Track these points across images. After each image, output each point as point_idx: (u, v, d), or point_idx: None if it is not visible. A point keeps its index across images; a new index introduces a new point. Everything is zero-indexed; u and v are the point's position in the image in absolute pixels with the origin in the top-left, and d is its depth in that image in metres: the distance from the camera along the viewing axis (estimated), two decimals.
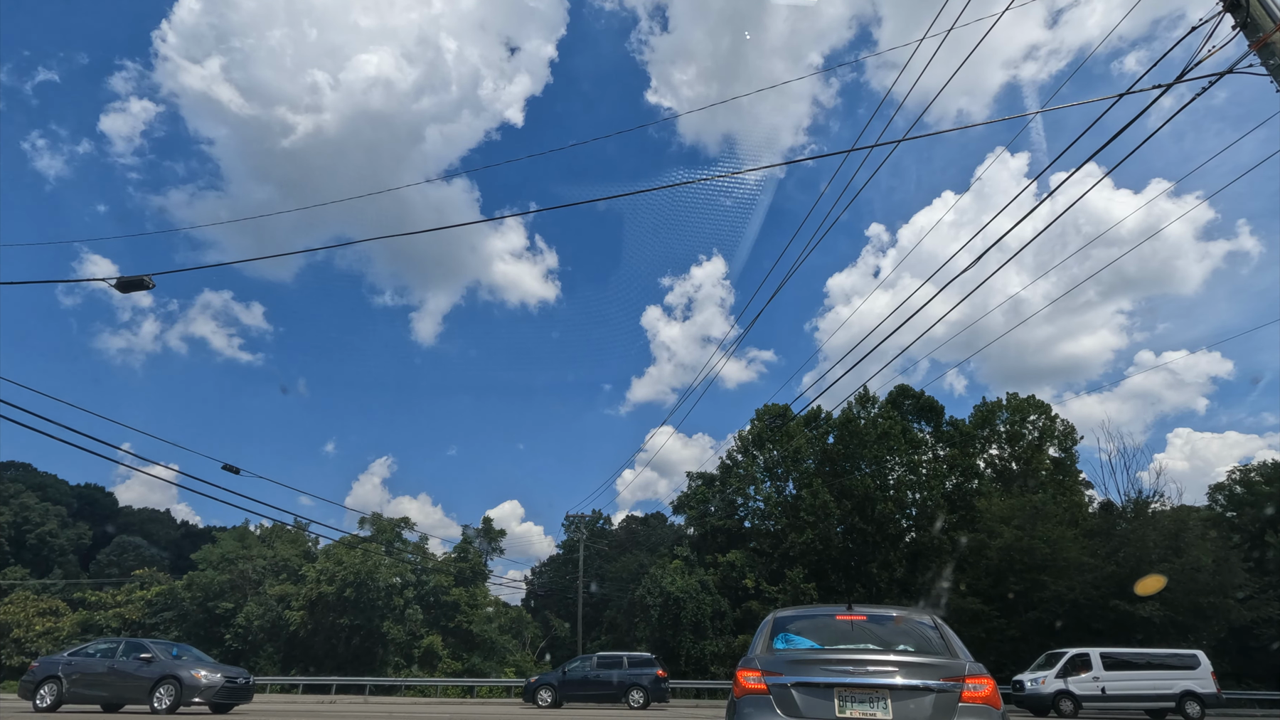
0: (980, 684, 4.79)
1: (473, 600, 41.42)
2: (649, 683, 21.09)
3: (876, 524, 38.98)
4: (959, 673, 4.83)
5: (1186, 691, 20.74)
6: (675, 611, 37.11)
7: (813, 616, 5.97)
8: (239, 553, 42.91)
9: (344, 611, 38.65)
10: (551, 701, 21.20)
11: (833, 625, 5.74)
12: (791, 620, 5.89)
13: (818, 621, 5.87)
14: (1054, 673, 21.44)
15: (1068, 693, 20.75)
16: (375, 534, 43.31)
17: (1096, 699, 20.71)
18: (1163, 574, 31.73)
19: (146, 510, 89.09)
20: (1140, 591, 29.88)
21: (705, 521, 44.57)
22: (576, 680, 21.44)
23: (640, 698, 20.85)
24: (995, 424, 46.52)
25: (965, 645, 5.46)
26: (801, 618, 5.94)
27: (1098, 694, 20.71)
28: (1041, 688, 21.12)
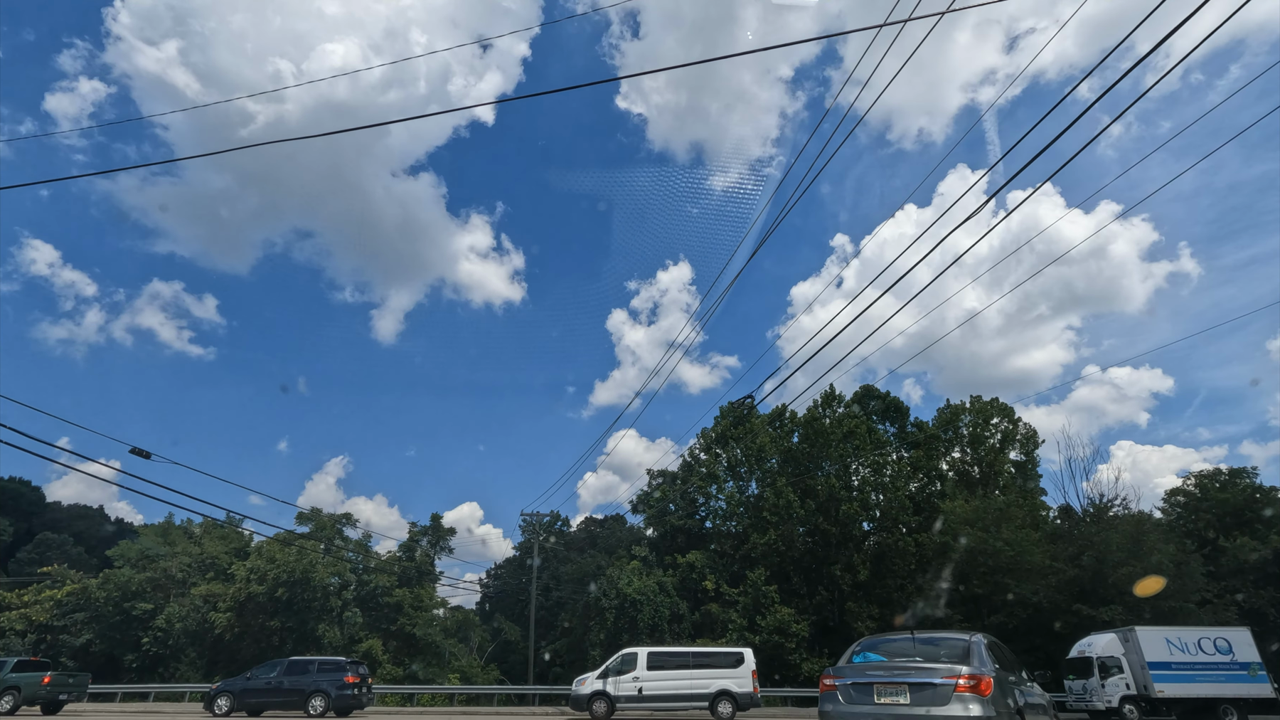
0: (971, 680, 7.24)
1: (418, 602, 38.98)
2: (334, 689, 19.54)
3: (840, 525, 37.96)
4: (958, 673, 7.34)
5: (722, 691, 20.34)
6: (632, 614, 35.40)
7: (883, 641, 8.86)
8: (161, 549, 39.65)
9: (275, 613, 35.89)
10: (228, 709, 19.38)
11: (895, 645, 8.46)
12: (869, 643, 8.99)
13: (885, 643, 8.73)
14: (596, 673, 20.80)
15: (604, 694, 20.09)
16: (314, 531, 40.53)
17: (632, 700, 20.12)
18: (1127, 576, 31.44)
19: (77, 507, 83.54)
20: (1140, 593, 29.44)
21: (665, 521, 42.99)
22: (259, 688, 19.72)
23: (320, 705, 19.32)
24: (959, 426, 46.21)
25: None
26: (876, 641, 8.98)
27: (634, 695, 20.11)
28: (581, 689, 20.41)
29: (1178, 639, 23.93)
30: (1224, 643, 23.96)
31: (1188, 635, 24.18)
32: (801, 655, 34.02)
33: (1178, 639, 23.93)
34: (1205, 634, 24.31)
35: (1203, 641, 23.95)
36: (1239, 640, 24.12)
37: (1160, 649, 23.63)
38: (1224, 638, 24.13)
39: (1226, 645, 23.92)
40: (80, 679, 22.09)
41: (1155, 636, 23.96)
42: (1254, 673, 23.45)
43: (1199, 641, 23.96)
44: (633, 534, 56.44)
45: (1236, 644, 23.97)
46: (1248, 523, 38.54)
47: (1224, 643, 23.96)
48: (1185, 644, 23.84)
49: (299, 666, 20.27)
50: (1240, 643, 24.08)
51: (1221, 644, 23.93)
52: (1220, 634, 24.36)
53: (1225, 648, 23.86)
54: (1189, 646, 23.81)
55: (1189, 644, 23.86)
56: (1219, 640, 24.02)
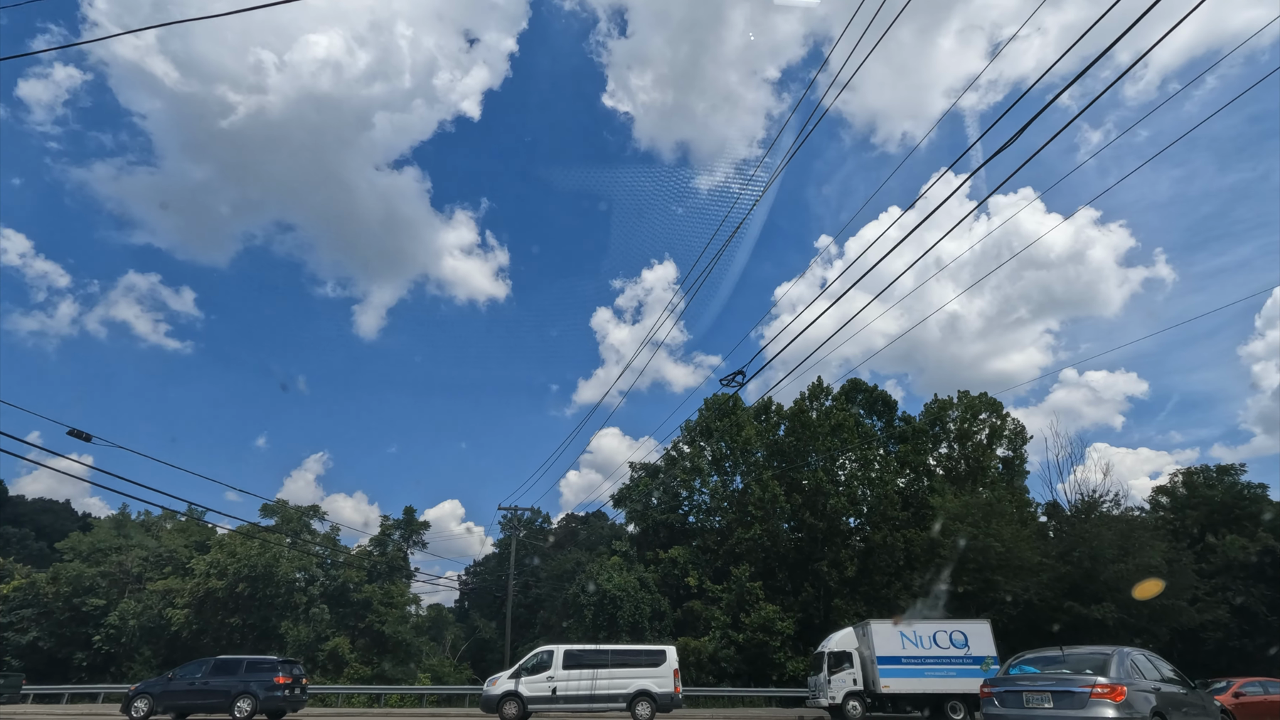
0: (1106, 688, 8.94)
1: (388, 598, 37.31)
2: (262, 690, 18.20)
3: (827, 520, 36.94)
4: (1095, 682, 9.11)
5: (641, 691, 19.41)
6: (611, 611, 34.10)
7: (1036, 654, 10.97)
8: (114, 542, 37.57)
9: (236, 610, 34.09)
10: (147, 712, 17.98)
11: (1046, 658, 10.58)
12: (1024, 656, 11.12)
13: (1038, 657, 10.79)
14: (509, 673, 19.76)
15: (515, 694, 19.03)
16: (280, 524, 38.67)
17: (545, 700, 19.16)
18: (1118, 574, 30.77)
19: (41, 501, 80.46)
20: (1139, 595, 28.74)
21: (647, 516, 41.70)
22: (181, 689, 18.33)
23: (247, 707, 17.98)
24: (946, 422, 45.43)
25: None
26: (1031, 655, 11.12)
27: (547, 695, 19.14)
28: (492, 689, 19.36)
29: (913, 632, 23.15)
30: (960, 636, 23.21)
31: (924, 629, 23.41)
32: (786, 654, 32.94)
33: (913, 632, 23.15)
34: (942, 627, 23.57)
35: (938, 635, 23.16)
36: (976, 633, 23.38)
37: (893, 643, 22.86)
38: (961, 631, 23.40)
39: (963, 639, 23.16)
40: (12, 680, 20.41)
41: (889, 630, 23.22)
42: (986, 666, 22.62)
43: (934, 635, 23.15)
44: (614, 531, 55.09)
45: (973, 637, 23.23)
46: (1236, 520, 38.12)
47: (960, 636, 23.21)
48: (920, 638, 23.03)
49: (226, 666, 18.74)
50: (977, 635, 23.32)
51: (958, 637, 23.18)
52: (958, 627, 23.64)
53: (961, 641, 23.11)
54: (923, 640, 23.01)
55: (924, 638, 23.05)
56: (955, 634, 23.28)
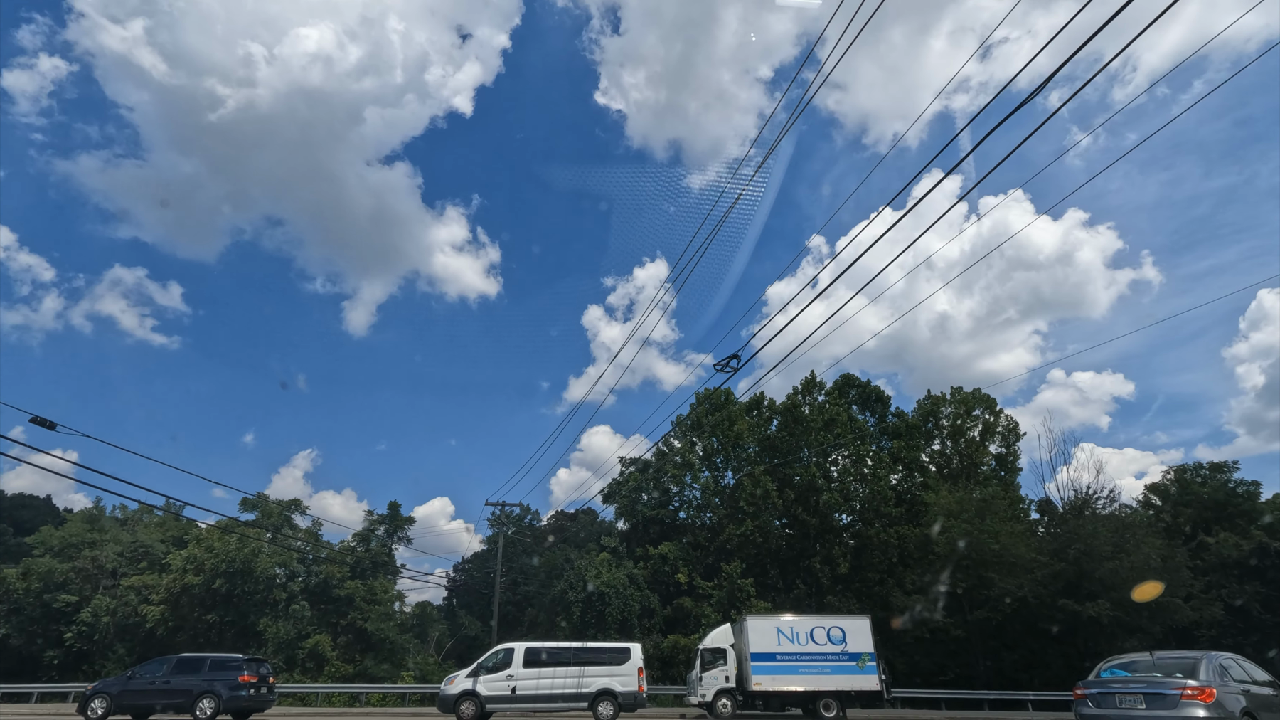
0: (1195, 690, 9.56)
1: (371, 595, 36.43)
2: (226, 690, 17.50)
3: (820, 516, 36.41)
4: (1185, 685, 9.77)
5: (604, 690, 18.82)
6: (600, 608, 33.42)
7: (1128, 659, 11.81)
8: (88, 537, 36.46)
9: (213, 606, 33.12)
10: (104, 712, 17.22)
11: (1138, 662, 11.42)
12: (1116, 661, 11.92)
13: (1130, 661, 11.64)
14: (467, 671, 19.13)
15: (473, 694, 18.34)
16: (260, 519, 37.70)
17: (504, 700, 18.51)
18: (1113, 571, 30.42)
19: (21, 496, 78.77)
20: (1139, 598, 28.33)
21: (637, 512, 41.03)
22: (141, 688, 17.54)
23: (210, 707, 17.23)
24: (939, 418, 45.03)
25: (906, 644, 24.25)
26: (1121, 660, 11.92)
27: (506, 695, 18.48)
28: (449, 688, 18.67)
29: (790, 628, 22.76)
30: (839, 632, 22.80)
31: (802, 624, 23.04)
32: None
33: (790, 628, 22.76)
34: (821, 623, 23.20)
35: (816, 631, 22.79)
36: (855, 629, 22.94)
37: (768, 639, 22.42)
38: (839, 626, 22.99)
39: (841, 635, 22.75)
40: None
41: (766, 625, 22.82)
42: (863, 664, 22.33)
43: (812, 631, 22.79)
44: (605, 528, 54.46)
45: (851, 633, 22.80)
46: (1228, 518, 37.91)
47: (839, 632, 22.80)
48: (797, 633, 22.65)
49: (188, 664, 17.91)
50: (855, 632, 22.87)
51: (836, 634, 22.77)
52: (837, 623, 23.24)
53: (840, 637, 22.70)
54: (800, 636, 22.63)
55: (801, 633, 22.68)
56: (834, 630, 22.87)
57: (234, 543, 33.32)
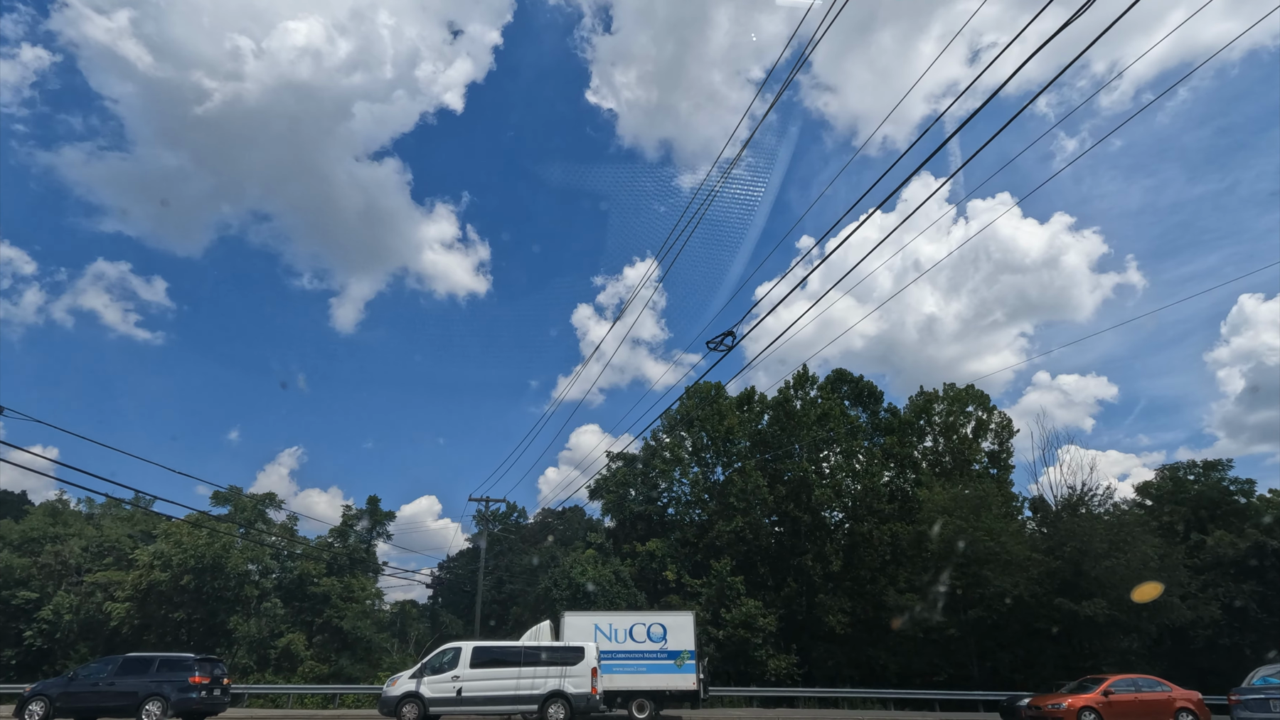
0: None
1: (348, 592, 35.16)
2: (175, 692, 16.43)
3: (811, 512, 35.56)
4: None
5: (555, 692, 18.01)
6: (585, 606, 32.31)
7: None
8: (50, 531, 34.92)
9: (181, 603, 31.74)
10: (43, 715, 16.09)
11: None
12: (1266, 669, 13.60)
13: None
14: (410, 671, 18.33)
15: (416, 695, 17.49)
16: (233, 513, 36.31)
17: (449, 702, 17.69)
18: (1109, 570, 29.79)
19: None
20: (1138, 599, 27.72)
21: (624, 507, 39.99)
22: (83, 690, 16.45)
23: (157, 710, 16.17)
24: (932, 415, 44.34)
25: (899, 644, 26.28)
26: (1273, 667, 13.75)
27: (451, 697, 17.66)
28: (391, 690, 17.83)
29: (609, 625, 22.06)
30: (660, 629, 22.13)
31: (622, 621, 22.37)
32: (768, 651, 31.47)
33: (609, 625, 22.06)
34: (642, 620, 22.56)
35: (636, 629, 22.10)
36: (677, 626, 22.25)
37: (585, 636, 21.55)
38: (661, 624, 22.31)
39: (662, 632, 22.09)
40: None
41: (584, 623, 22.06)
42: (681, 662, 21.72)
43: (632, 629, 22.10)
44: (591, 526, 53.49)
45: (673, 630, 22.11)
46: (1223, 516, 37.47)
47: (660, 629, 22.13)
48: (616, 631, 21.96)
49: (134, 665, 16.79)
50: (677, 629, 22.19)
51: (657, 631, 22.09)
52: (658, 620, 22.57)
53: (660, 635, 22.04)
54: (619, 634, 21.94)
55: (620, 631, 22.00)
56: (654, 627, 22.20)
57: (204, 538, 31.95)
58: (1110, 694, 18.84)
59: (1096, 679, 20.05)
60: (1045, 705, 19.45)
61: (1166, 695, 19.21)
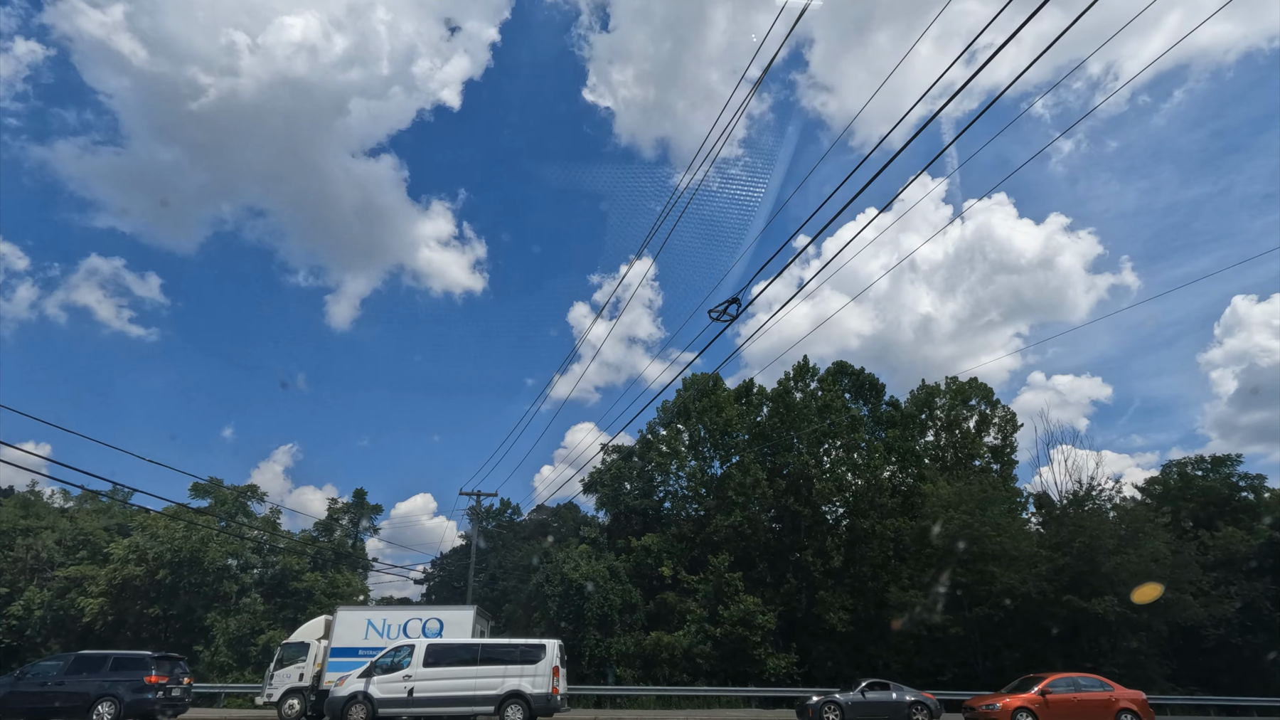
0: None
1: (333, 588, 33.93)
2: (129, 692, 15.34)
3: (812, 507, 34.49)
4: None
5: (513, 693, 17.05)
6: (578, 602, 31.23)
7: None
8: (22, 524, 33.58)
9: (156, 599, 30.49)
10: None
11: None
12: None
13: None
14: (360, 670, 17.33)
15: (364, 696, 16.54)
16: (213, 506, 35.02)
17: (400, 703, 16.73)
18: (1120, 566, 28.84)
19: None
20: (1138, 599, 26.83)
21: (619, 501, 38.87)
22: (30, 690, 15.32)
23: (109, 712, 15.09)
24: (934, 409, 43.34)
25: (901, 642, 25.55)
26: None
27: (403, 697, 16.71)
28: (339, 690, 16.85)
29: (382, 621, 21.24)
30: (436, 624, 21.25)
31: (396, 617, 21.55)
32: (767, 650, 30.38)
33: (382, 621, 21.24)
34: (418, 615, 21.75)
35: (410, 624, 21.20)
36: (455, 621, 21.37)
37: (356, 632, 20.76)
38: (438, 618, 21.45)
39: (438, 627, 21.18)
40: None
41: (356, 618, 21.22)
42: None
43: (406, 624, 21.20)
44: (586, 522, 52.39)
45: (450, 625, 21.21)
46: (1232, 512, 36.57)
47: (436, 624, 21.25)
48: (389, 626, 21.10)
49: (87, 663, 15.70)
50: (455, 624, 21.27)
51: (433, 625, 21.21)
52: (436, 614, 21.74)
53: (436, 630, 21.16)
54: (391, 629, 21.05)
55: (393, 626, 21.11)
56: (430, 621, 21.28)
57: (180, 530, 30.68)
58: (1048, 694, 18.17)
59: (1037, 678, 19.29)
60: (979, 706, 18.79)
61: (1108, 695, 18.53)
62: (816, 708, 20.57)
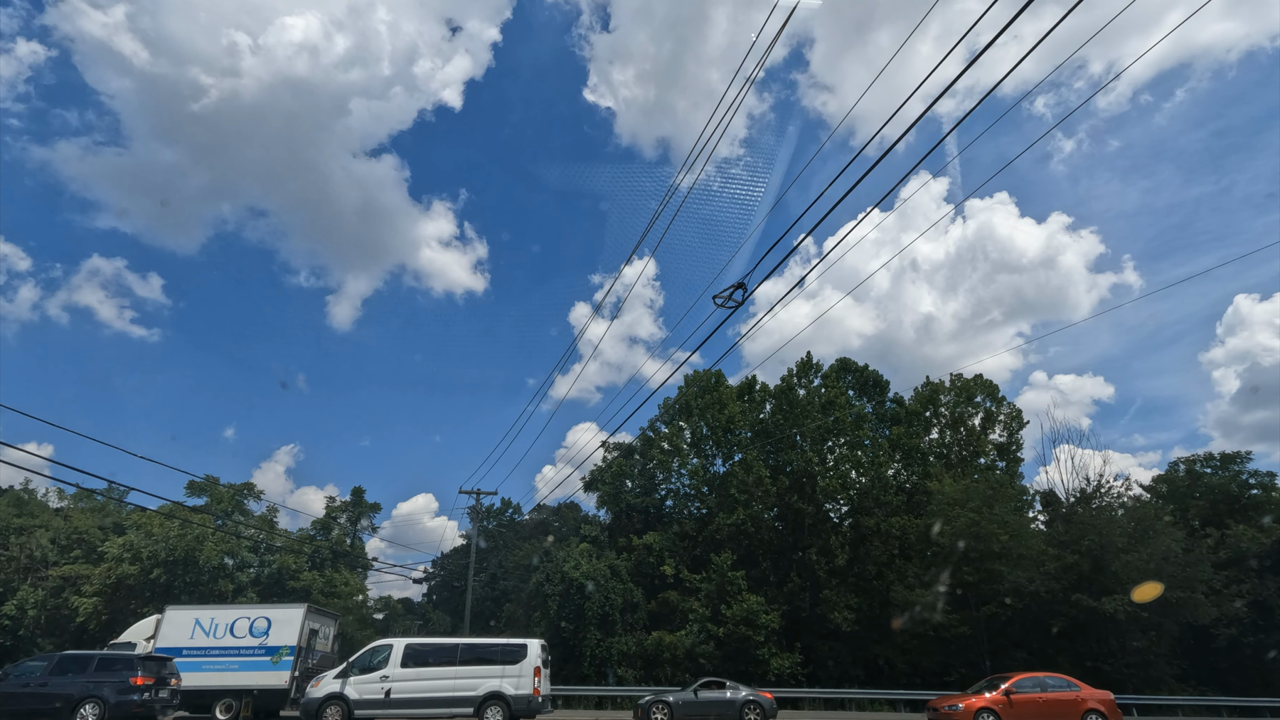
0: None
1: (330, 587, 33.49)
2: (114, 694, 14.81)
3: (815, 504, 34.02)
4: None
5: (493, 694, 16.64)
6: (578, 601, 30.77)
7: None
8: (14, 522, 33.15)
9: (151, 598, 30.07)
10: None
11: None
12: None
13: None
14: (335, 671, 16.95)
15: (340, 697, 16.07)
16: (210, 504, 34.59)
17: (377, 704, 16.30)
18: (1130, 564, 28.35)
19: None
20: (1138, 599, 26.35)
21: (620, 499, 38.39)
22: (12, 692, 14.88)
23: (93, 714, 14.59)
24: (939, 406, 42.82)
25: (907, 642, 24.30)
26: None
27: (379, 699, 16.28)
28: (314, 691, 16.42)
29: (210, 620, 20.41)
30: (264, 623, 20.46)
31: (225, 616, 20.65)
32: (771, 650, 29.89)
33: (210, 620, 20.41)
34: (247, 614, 20.83)
35: (238, 623, 20.40)
36: (283, 620, 20.55)
37: (182, 632, 20.00)
38: (266, 617, 20.62)
39: (265, 626, 20.41)
40: None
41: (184, 618, 20.42)
42: (278, 659, 20.05)
43: (234, 623, 20.40)
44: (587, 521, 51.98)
45: (278, 625, 20.41)
46: (1242, 510, 36.04)
47: (264, 623, 20.46)
48: (216, 626, 20.31)
49: (71, 663, 15.21)
50: (283, 623, 20.48)
51: (260, 625, 20.42)
52: (265, 613, 20.81)
53: (263, 629, 20.38)
54: (219, 629, 20.27)
55: (221, 626, 20.32)
56: (259, 621, 20.50)
57: (175, 529, 30.24)
58: (1012, 694, 17.79)
59: (1003, 677, 18.88)
60: (942, 707, 18.39)
61: (1074, 695, 18.15)
62: (645, 707, 20.26)
